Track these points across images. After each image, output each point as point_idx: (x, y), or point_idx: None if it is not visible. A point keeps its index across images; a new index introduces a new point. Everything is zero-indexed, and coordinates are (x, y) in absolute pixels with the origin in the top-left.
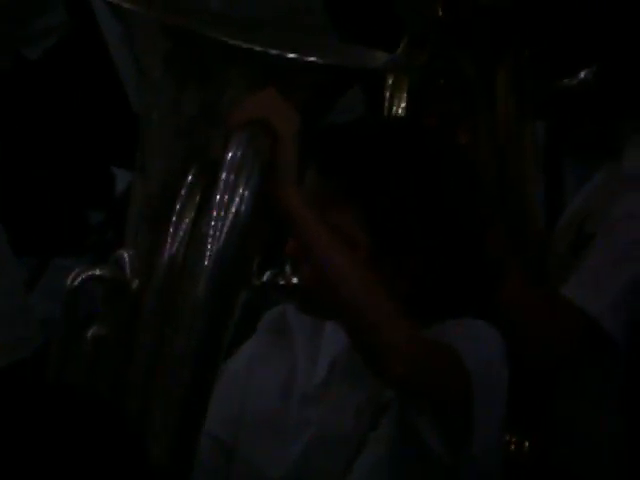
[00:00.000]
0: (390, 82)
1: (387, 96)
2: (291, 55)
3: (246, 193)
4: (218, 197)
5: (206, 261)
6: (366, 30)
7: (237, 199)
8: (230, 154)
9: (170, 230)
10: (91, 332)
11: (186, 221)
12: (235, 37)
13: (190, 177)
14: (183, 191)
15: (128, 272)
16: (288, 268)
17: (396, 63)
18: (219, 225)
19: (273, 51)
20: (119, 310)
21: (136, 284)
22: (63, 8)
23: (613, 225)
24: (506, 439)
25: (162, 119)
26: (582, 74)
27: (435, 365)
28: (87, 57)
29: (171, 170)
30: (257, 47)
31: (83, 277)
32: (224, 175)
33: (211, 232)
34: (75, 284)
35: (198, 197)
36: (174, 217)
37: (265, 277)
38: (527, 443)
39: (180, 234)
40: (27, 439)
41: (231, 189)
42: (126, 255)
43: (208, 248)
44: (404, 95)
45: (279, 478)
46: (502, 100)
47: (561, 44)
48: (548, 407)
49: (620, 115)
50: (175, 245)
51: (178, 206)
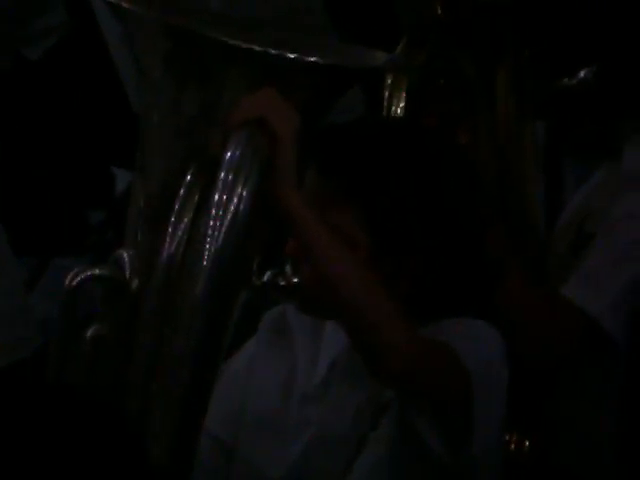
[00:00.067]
0: (389, 82)
1: (386, 96)
2: (291, 55)
3: (245, 193)
4: (217, 197)
5: (204, 261)
6: (365, 30)
7: (236, 199)
8: (229, 153)
9: (169, 230)
10: (90, 332)
11: (185, 221)
12: (235, 37)
13: (189, 177)
14: (182, 191)
15: (128, 272)
16: (288, 268)
17: (395, 63)
18: (217, 225)
19: (273, 51)
20: (119, 310)
21: (136, 284)
22: (63, 8)
23: (613, 225)
24: (506, 439)
25: (162, 119)
26: (582, 73)
27: (435, 365)
28: (87, 57)
29: (171, 170)
30: (257, 47)
31: (82, 277)
32: (222, 174)
33: (210, 232)
34: (74, 284)
35: (197, 197)
36: (173, 217)
37: (265, 277)
38: (527, 442)
39: (179, 234)
40: (27, 439)
41: (230, 189)
42: (126, 255)
43: (207, 248)
44: (403, 95)
45: (279, 478)
46: (502, 100)
47: (561, 43)
48: (548, 407)
49: (620, 115)
50: (174, 245)
51: (177, 206)
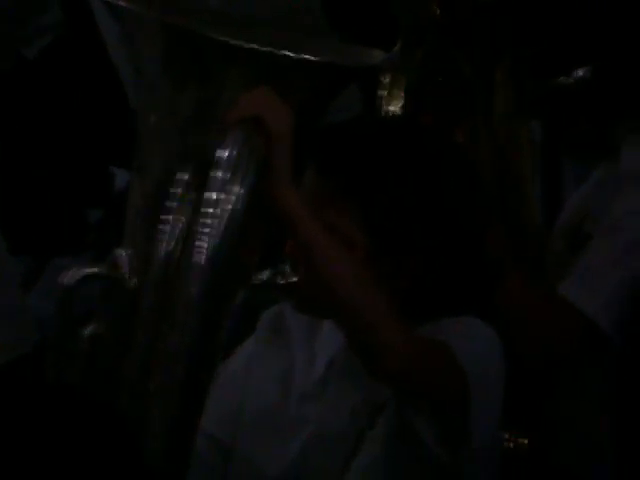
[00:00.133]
0: (387, 81)
1: (384, 95)
2: (288, 54)
3: (241, 192)
4: (213, 195)
5: (201, 260)
6: (363, 29)
7: (232, 197)
8: (225, 152)
9: (166, 228)
10: (88, 330)
11: (182, 220)
12: (233, 36)
13: (186, 176)
14: (179, 189)
15: (126, 271)
16: (287, 267)
17: (393, 62)
18: (214, 224)
19: (271, 50)
20: (116, 308)
21: (133, 282)
22: (59, 7)
23: (610, 225)
24: (504, 437)
25: (160, 118)
26: (579, 72)
27: (431, 364)
28: (85, 56)
29: (169, 169)
30: (255, 46)
31: (80, 275)
32: (219, 173)
33: (206, 231)
34: (72, 282)
35: (194, 195)
36: (170, 215)
37: (264, 276)
38: (525, 441)
39: (176, 232)
40: (23, 437)
41: (226, 187)
42: (124, 254)
43: (203, 247)
44: (401, 94)
45: (277, 476)
46: (500, 99)
47: (558, 42)
48: (548, 406)
49: (617, 114)
50: (171, 243)
51: (174, 205)
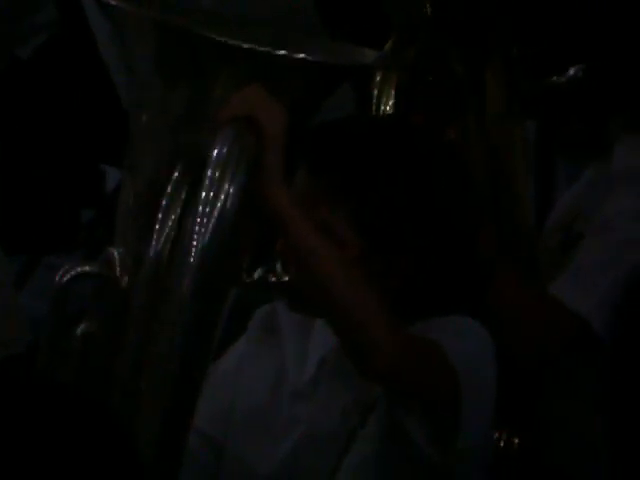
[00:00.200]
0: (378, 79)
1: (375, 93)
2: (281, 53)
3: (232, 190)
4: (204, 194)
5: (191, 258)
6: (355, 28)
7: (222, 196)
8: (216, 151)
9: (157, 227)
10: (81, 329)
11: (172, 218)
12: (225, 35)
13: (176, 174)
14: (169, 188)
15: (118, 269)
16: (279, 266)
17: (385, 60)
18: (204, 222)
19: (263, 49)
20: (109, 307)
21: (125, 281)
22: (53, 6)
23: (602, 224)
24: (496, 436)
25: (151, 117)
26: (571, 71)
27: (422, 363)
28: (77, 55)
29: (160, 168)
30: (247, 45)
31: (72, 274)
32: (209, 172)
33: (197, 229)
34: (64, 281)
35: (184, 194)
36: (160, 214)
37: (256, 275)
38: (516, 440)
39: (166, 231)
40: (15, 437)
41: (217, 186)
42: (116, 252)
43: (193, 245)
44: (393, 92)
45: (269, 475)
46: (492, 98)
47: (550, 41)
48: (541, 406)
49: (609, 113)
50: (161, 242)
51: (164, 203)
